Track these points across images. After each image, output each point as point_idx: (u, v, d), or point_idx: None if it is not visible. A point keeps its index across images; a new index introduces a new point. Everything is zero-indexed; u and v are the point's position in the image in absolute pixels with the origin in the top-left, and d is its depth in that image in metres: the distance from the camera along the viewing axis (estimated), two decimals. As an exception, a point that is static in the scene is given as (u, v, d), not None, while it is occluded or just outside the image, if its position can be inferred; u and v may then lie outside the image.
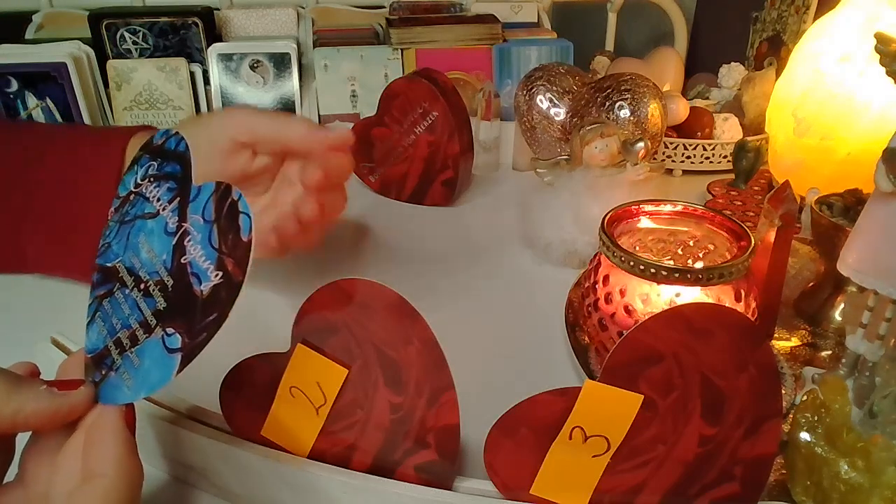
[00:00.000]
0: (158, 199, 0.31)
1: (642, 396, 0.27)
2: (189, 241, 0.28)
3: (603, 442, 0.28)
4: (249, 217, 0.27)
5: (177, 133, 0.31)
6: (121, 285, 0.30)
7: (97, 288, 0.31)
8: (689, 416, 0.28)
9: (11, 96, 0.71)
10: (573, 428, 0.28)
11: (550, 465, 0.29)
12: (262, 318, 0.49)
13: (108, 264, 0.31)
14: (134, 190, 0.32)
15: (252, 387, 0.33)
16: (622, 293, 0.40)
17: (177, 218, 0.29)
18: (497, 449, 0.29)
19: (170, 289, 0.28)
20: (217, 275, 0.27)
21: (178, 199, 0.30)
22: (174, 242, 0.29)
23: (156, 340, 0.28)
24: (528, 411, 0.29)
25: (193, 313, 0.27)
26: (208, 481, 0.34)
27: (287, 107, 0.78)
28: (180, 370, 0.27)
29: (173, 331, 0.27)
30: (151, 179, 0.31)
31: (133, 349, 0.28)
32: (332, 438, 0.32)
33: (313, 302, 0.31)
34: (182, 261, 0.28)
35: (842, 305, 0.47)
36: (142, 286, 0.29)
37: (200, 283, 0.27)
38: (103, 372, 0.29)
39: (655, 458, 0.28)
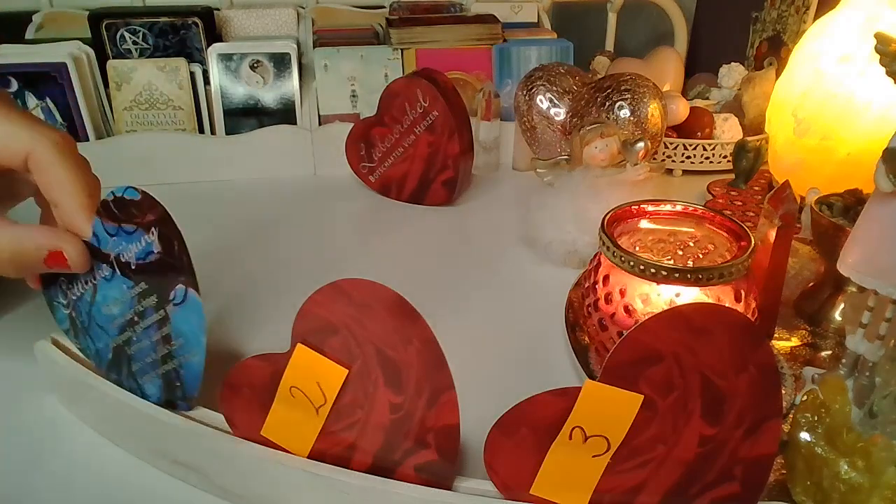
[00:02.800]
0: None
1: (642, 396, 0.27)
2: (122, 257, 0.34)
3: (603, 442, 0.28)
4: (129, 189, 0.33)
5: None
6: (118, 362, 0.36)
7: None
8: (689, 416, 0.28)
9: (11, 96, 0.71)
10: (573, 428, 0.28)
11: (550, 465, 0.29)
12: (261, 318, 0.49)
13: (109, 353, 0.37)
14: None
15: (252, 387, 0.33)
16: (622, 293, 0.40)
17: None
18: (497, 449, 0.29)
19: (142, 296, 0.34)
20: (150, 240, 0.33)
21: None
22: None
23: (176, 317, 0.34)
24: (528, 411, 0.29)
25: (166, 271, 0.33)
26: (208, 481, 0.34)
27: (287, 107, 0.78)
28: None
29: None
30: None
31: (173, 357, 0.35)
32: (332, 438, 0.32)
33: (313, 302, 0.30)
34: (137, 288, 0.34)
35: (842, 305, 0.47)
36: (136, 328, 0.35)
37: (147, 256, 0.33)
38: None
39: (655, 458, 0.28)
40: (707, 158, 0.76)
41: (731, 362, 0.27)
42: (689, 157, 0.76)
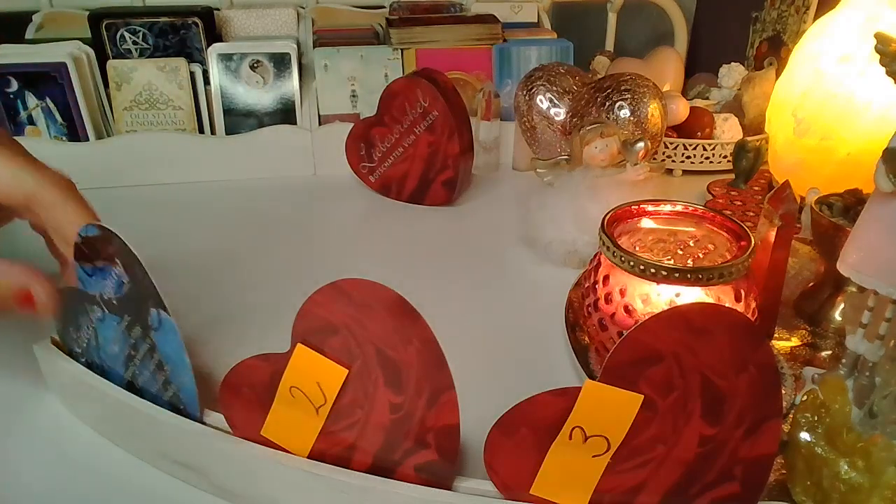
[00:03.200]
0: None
1: (642, 396, 0.27)
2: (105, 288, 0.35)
3: (603, 442, 0.28)
4: (90, 227, 0.34)
5: None
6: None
7: None
8: (689, 416, 0.28)
9: (11, 96, 0.71)
10: (573, 428, 0.28)
11: (550, 465, 0.29)
12: (261, 317, 0.49)
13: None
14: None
15: (252, 387, 0.33)
16: (622, 293, 0.40)
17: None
18: (497, 449, 0.29)
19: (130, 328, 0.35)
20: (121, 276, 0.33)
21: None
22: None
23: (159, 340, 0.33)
24: (528, 411, 0.29)
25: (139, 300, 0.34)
26: (208, 481, 0.34)
27: (287, 107, 0.78)
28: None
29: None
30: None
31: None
32: (332, 438, 0.32)
33: (313, 302, 0.30)
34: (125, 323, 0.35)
35: (842, 305, 0.47)
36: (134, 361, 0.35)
37: (121, 288, 0.34)
38: None
39: (655, 458, 0.28)
40: (707, 158, 0.76)
41: (731, 362, 0.27)
42: (689, 157, 0.76)
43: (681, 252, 0.43)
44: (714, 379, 0.27)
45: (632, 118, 0.65)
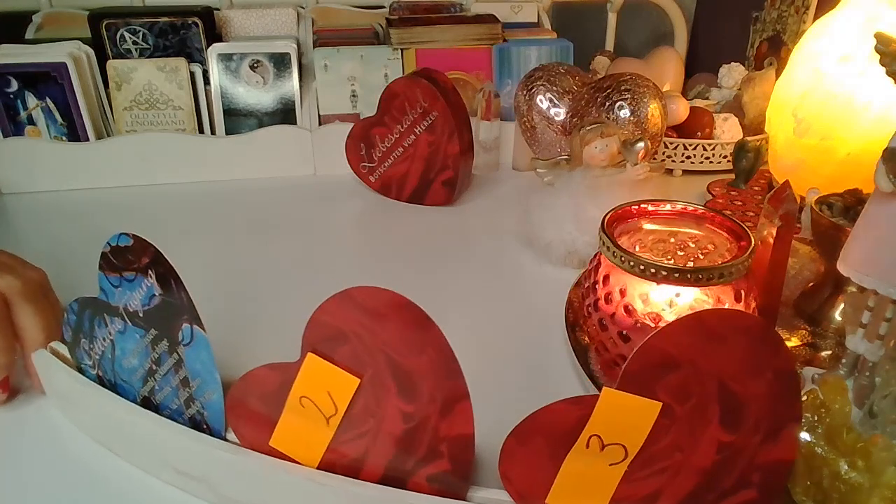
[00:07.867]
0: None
1: (661, 404, 0.27)
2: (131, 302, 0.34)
3: (620, 450, 0.28)
4: (122, 235, 0.33)
5: None
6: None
7: None
8: (707, 422, 0.28)
9: (11, 96, 0.71)
10: (590, 436, 0.28)
11: (566, 474, 0.29)
12: (260, 319, 0.49)
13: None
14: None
15: (261, 396, 0.32)
16: (622, 293, 0.40)
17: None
18: (512, 458, 0.29)
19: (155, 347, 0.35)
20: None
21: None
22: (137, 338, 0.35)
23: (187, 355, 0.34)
24: (544, 420, 0.28)
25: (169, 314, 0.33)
26: (214, 493, 0.34)
27: (287, 107, 0.78)
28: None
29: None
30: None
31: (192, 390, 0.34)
32: (343, 448, 0.31)
33: (323, 310, 0.30)
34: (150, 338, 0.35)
35: (842, 305, 0.47)
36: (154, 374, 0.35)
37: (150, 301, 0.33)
38: None
39: (672, 466, 0.28)
40: (707, 158, 0.76)
41: (749, 368, 0.27)
42: (689, 157, 0.77)
43: (681, 252, 0.44)
44: (732, 385, 0.27)
45: (632, 118, 0.65)
